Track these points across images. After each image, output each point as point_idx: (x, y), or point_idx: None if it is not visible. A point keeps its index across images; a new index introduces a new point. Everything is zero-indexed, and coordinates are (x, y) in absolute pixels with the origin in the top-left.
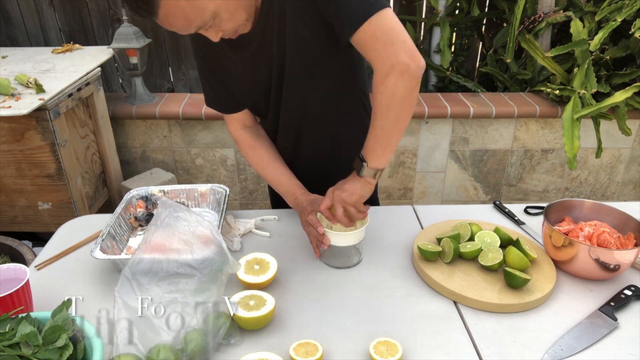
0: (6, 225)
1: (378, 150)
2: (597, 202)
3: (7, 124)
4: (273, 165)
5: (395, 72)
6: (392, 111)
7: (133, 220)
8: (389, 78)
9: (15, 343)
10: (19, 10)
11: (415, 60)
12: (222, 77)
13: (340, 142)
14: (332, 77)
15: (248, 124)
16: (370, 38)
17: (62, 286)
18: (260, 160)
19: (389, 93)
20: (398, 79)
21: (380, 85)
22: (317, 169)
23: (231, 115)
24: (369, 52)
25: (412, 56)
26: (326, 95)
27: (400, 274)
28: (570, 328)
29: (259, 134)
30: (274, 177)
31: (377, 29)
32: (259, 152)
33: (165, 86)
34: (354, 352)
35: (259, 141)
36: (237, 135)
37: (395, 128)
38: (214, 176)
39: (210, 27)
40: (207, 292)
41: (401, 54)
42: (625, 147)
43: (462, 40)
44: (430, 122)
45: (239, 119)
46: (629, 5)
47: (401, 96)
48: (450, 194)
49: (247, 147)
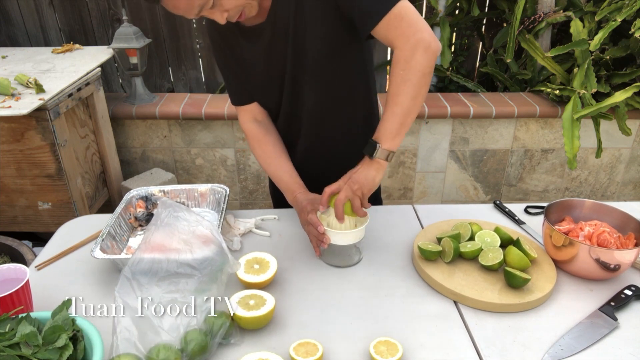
0: (6, 225)
1: (394, 130)
2: (597, 202)
3: (7, 124)
4: (277, 160)
5: (420, 48)
6: (412, 86)
7: (133, 220)
8: (414, 53)
9: (15, 343)
10: (19, 10)
11: (436, 40)
12: (236, 69)
13: (347, 142)
14: (345, 74)
15: (259, 118)
16: (396, 19)
17: (62, 286)
18: (265, 155)
19: (412, 68)
20: (422, 54)
21: (402, 61)
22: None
23: (243, 107)
24: (393, 32)
25: (433, 36)
26: (338, 91)
27: (400, 274)
28: (570, 328)
29: (268, 129)
30: (276, 173)
31: (402, 10)
32: (265, 147)
33: (165, 86)
34: (354, 352)
35: (267, 136)
36: (247, 128)
37: (413, 105)
38: (214, 176)
39: (213, 6)
40: (207, 292)
41: (426, 32)
42: (625, 147)
43: (462, 40)
44: (430, 122)
45: (250, 112)
46: (629, 5)
47: (422, 72)
48: (450, 194)
49: (255, 140)
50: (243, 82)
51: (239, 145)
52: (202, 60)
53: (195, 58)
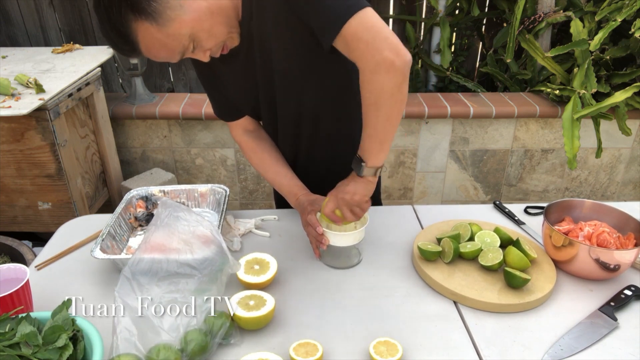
0: (6, 225)
1: (374, 150)
2: (597, 202)
3: (7, 124)
4: (275, 167)
5: (380, 70)
6: (382, 109)
7: (133, 220)
8: (375, 76)
9: (15, 343)
10: (19, 10)
11: (400, 55)
12: (219, 87)
13: (340, 142)
14: (326, 80)
15: (250, 129)
16: (352, 39)
17: (62, 286)
18: (262, 164)
19: (377, 91)
20: (384, 76)
21: (367, 84)
22: (317, 170)
23: (233, 122)
24: (352, 53)
25: (396, 52)
26: (321, 98)
27: (400, 274)
28: (570, 328)
29: (261, 138)
30: (275, 179)
31: (357, 29)
32: (260, 155)
33: (165, 86)
34: (354, 352)
35: (261, 145)
36: (240, 140)
37: (388, 126)
38: (214, 176)
39: (194, 49)
40: (207, 292)
41: (385, 51)
42: (625, 147)
43: (462, 40)
44: (430, 122)
45: (240, 125)
46: (629, 5)
47: (389, 93)
48: (450, 194)
49: (250, 150)
50: (227, 99)
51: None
52: None
53: None
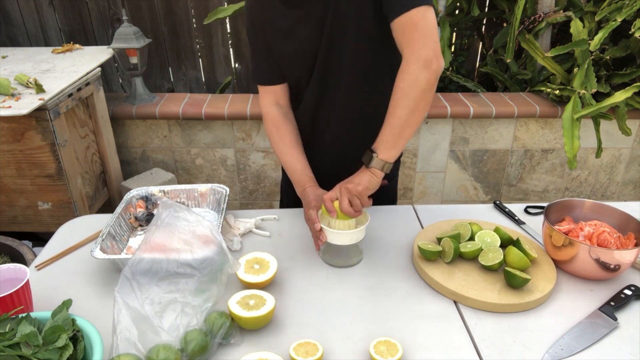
0: (6, 225)
1: (390, 141)
2: (597, 202)
3: (7, 124)
4: (292, 150)
5: (420, 63)
6: (411, 100)
7: (133, 220)
8: (414, 67)
9: (15, 343)
10: (19, 10)
11: (439, 60)
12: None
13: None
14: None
15: (281, 103)
16: (412, 25)
17: (62, 286)
18: (282, 142)
19: (411, 82)
20: (422, 70)
21: (404, 74)
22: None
23: (268, 88)
24: (404, 39)
25: (438, 55)
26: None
27: (400, 274)
28: (570, 328)
29: (287, 117)
30: (290, 162)
31: (420, 20)
32: (282, 134)
33: (165, 86)
34: (354, 352)
35: (286, 123)
36: (267, 111)
37: (411, 119)
38: (214, 176)
39: None
40: (207, 292)
41: (431, 50)
42: (625, 147)
43: (462, 40)
44: (430, 122)
45: (274, 93)
46: (629, 5)
47: (422, 87)
48: (450, 194)
49: (273, 125)
50: (274, 61)
51: (239, 145)
52: (202, 60)
53: (195, 58)
